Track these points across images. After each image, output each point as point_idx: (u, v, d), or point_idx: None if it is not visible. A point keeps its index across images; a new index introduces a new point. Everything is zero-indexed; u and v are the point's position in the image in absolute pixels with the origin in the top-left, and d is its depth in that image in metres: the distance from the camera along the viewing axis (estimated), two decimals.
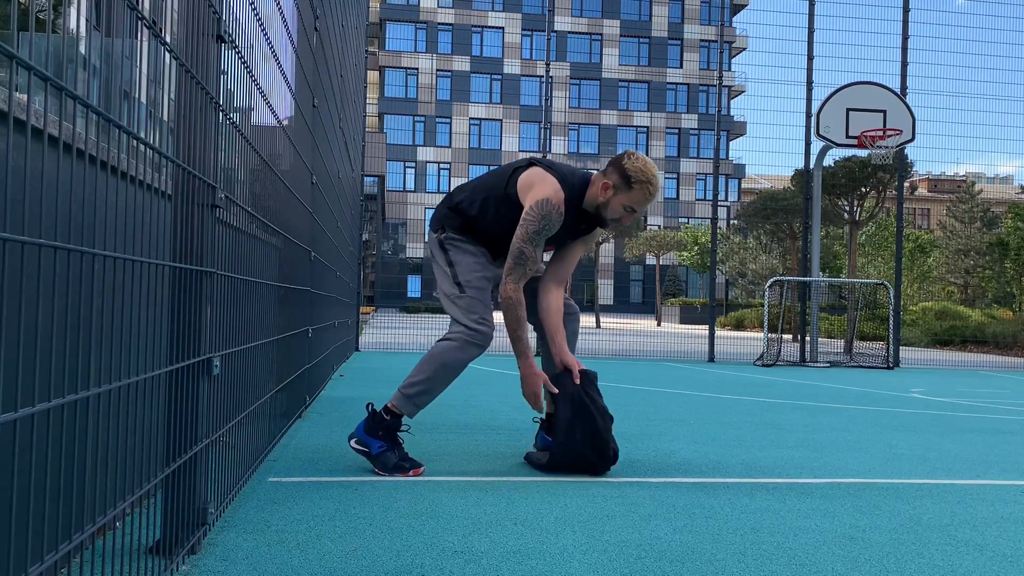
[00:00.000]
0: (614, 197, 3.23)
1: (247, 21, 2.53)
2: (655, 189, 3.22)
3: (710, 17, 52.69)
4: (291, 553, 2.13)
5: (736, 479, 3.32)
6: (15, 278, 1.37)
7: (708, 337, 12.06)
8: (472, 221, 3.33)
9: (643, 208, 3.27)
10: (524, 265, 3.20)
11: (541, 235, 3.19)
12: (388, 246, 50.14)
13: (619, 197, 3.22)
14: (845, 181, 17.85)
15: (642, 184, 3.20)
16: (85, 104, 1.32)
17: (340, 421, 4.51)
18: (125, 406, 1.73)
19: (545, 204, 3.17)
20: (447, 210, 3.39)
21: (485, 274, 3.32)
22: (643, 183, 3.20)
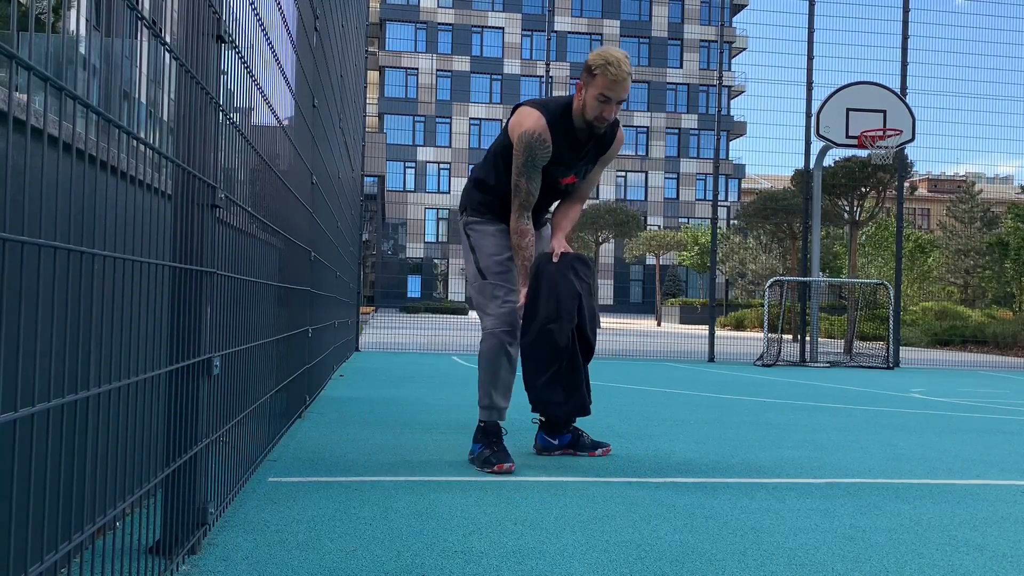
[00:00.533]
0: (587, 94, 3.24)
1: (247, 21, 2.53)
2: (616, 67, 3.18)
3: (710, 17, 52.69)
4: (291, 553, 2.13)
5: (736, 479, 3.32)
6: (15, 278, 1.37)
7: (708, 337, 12.06)
8: (492, 189, 3.43)
9: (617, 93, 3.20)
10: (520, 197, 3.29)
11: (529, 166, 3.27)
12: (388, 246, 50.13)
13: (590, 92, 3.23)
14: (845, 181, 17.86)
15: (602, 67, 3.19)
16: (85, 104, 1.32)
17: (340, 421, 4.51)
18: (125, 406, 1.73)
19: (524, 135, 3.27)
20: (470, 185, 3.53)
21: (507, 255, 3.40)
22: (602, 65, 3.19)
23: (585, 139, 3.36)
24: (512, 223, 3.34)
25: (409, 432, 4.23)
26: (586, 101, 3.25)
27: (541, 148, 3.25)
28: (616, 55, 3.20)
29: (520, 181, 3.29)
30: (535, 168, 3.27)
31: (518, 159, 3.28)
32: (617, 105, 3.24)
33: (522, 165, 3.27)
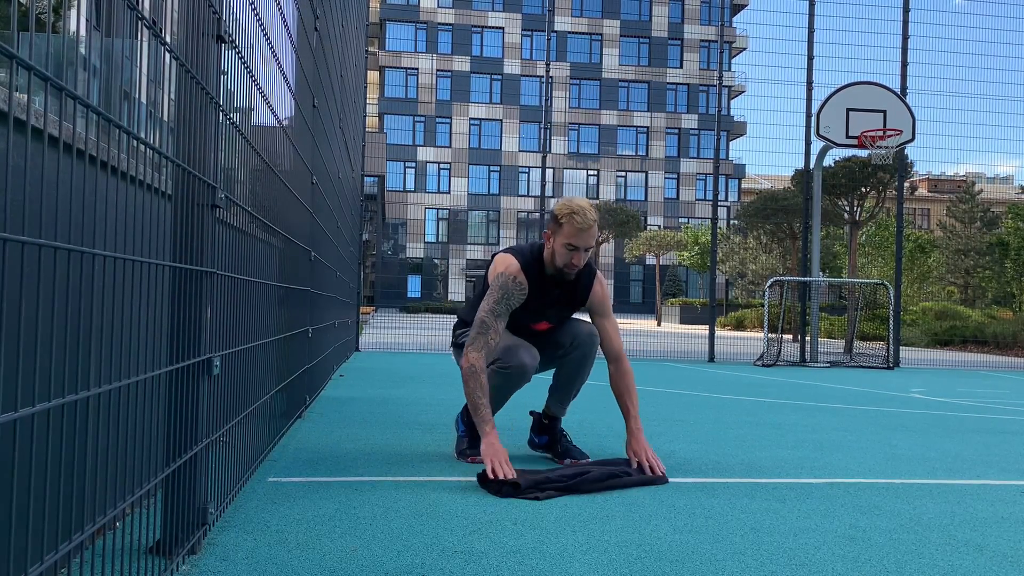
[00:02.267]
0: (555, 243, 3.32)
1: (247, 21, 2.53)
2: (582, 217, 3.25)
3: (710, 17, 52.68)
4: (291, 553, 2.13)
5: (736, 479, 3.32)
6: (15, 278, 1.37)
7: (708, 337, 12.06)
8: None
9: (582, 241, 3.27)
10: (486, 335, 3.26)
11: (502, 304, 3.30)
12: (388, 246, 50.13)
13: (557, 240, 3.31)
14: (845, 181, 17.86)
15: (568, 216, 3.26)
16: (85, 104, 1.32)
17: (340, 421, 4.51)
18: (125, 406, 1.73)
19: (499, 277, 3.35)
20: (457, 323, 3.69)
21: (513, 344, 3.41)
22: (568, 215, 3.26)
23: (553, 285, 3.43)
24: (473, 361, 3.19)
25: (409, 432, 4.23)
26: (555, 249, 3.32)
27: (517, 289, 3.32)
28: (581, 204, 3.29)
29: (488, 318, 3.26)
30: (506, 308, 3.31)
31: (491, 297, 3.29)
32: (585, 253, 3.31)
33: (494, 303, 3.29)
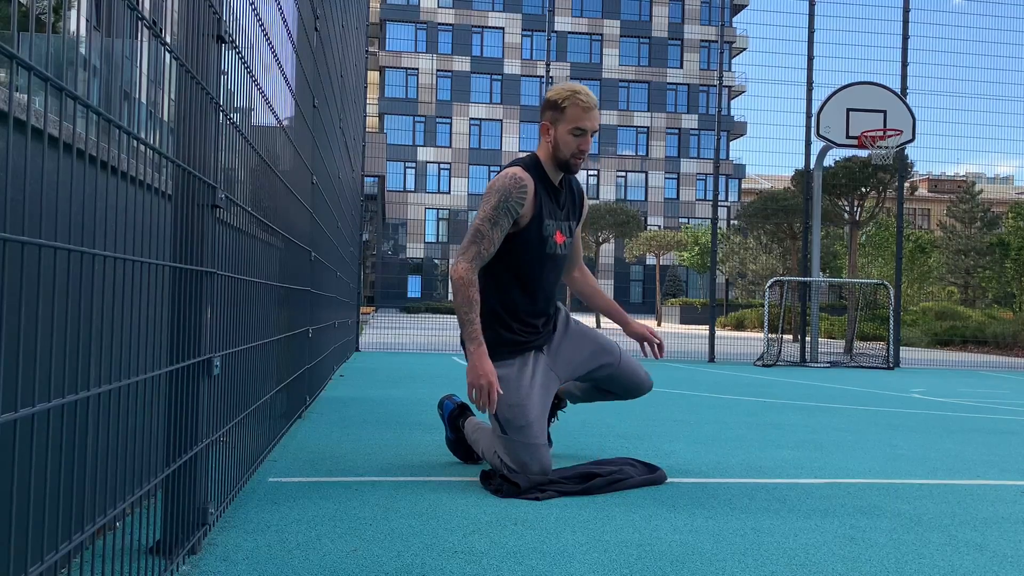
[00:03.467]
0: (558, 132, 3.06)
1: (247, 21, 2.53)
2: (585, 95, 3.04)
3: (710, 17, 52.70)
4: (291, 553, 2.13)
5: (736, 479, 3.32)
6: (15, 278, 1.37)
7: (708, 337, 12.06)
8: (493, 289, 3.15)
9: (588, 123, 3.04)
10: (479, 244, 3.01)
11: (500, 209, 3.01)
12: (388, 246, 50.15)
13: (561, 129, 3.06)
14: (845, 181, 17.85)
15: (571, 96, 3.04)
16: (85, 104, 1.32)
17: (340, 421, 4.51)
18: (125, 406, 1.73)
19: (500, 178, 3.07)
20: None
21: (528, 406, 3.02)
22: (570, 95, 3.04)
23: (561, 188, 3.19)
24: (462, 272, 3.00)
25: (409, 432, 4.23)
26: (558, 140, 3.07)
27: (516, 189, 3.02)
28: (580, 85, 3.08)
29: (483, 226, 3.01)
30: (505, 212, 3.01)
31: (488, 203, 3.02)
32: (591, 136, 3.08)
33: (491, 209, 3.01)
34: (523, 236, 3.10)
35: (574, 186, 3.32)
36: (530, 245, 3.10)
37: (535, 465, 2.97)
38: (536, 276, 3.16)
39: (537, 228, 3.10)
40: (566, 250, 3.24)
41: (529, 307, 3.18)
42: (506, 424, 3.01)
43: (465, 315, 3.01)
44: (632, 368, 3.35)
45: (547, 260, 3.16)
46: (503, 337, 3.12)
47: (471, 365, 2.99)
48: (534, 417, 3.01)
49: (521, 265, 3.13)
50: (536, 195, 3.08)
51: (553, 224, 3.15)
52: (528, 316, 3.18)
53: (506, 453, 3.00)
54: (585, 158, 3.12)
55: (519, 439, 2.98)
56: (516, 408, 3.00)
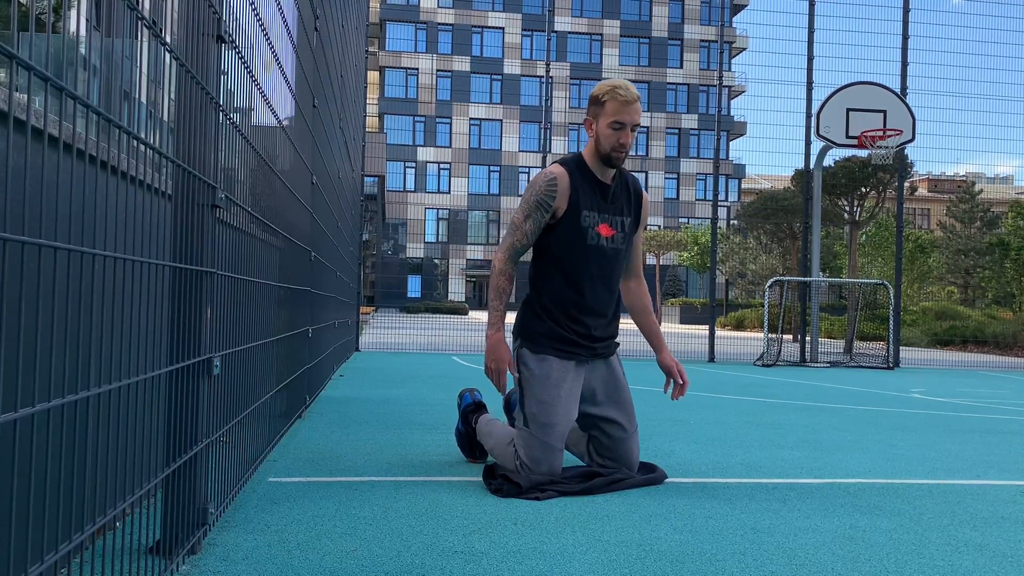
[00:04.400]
0: (599, 127, 3.12)
1: (247, 21, 2.53)
2: (625, 90, 3.08)
3: (710, 17, 52.71)
4: (291, 553, 2.13)
5: (736, 479, 3.32)
6: (15, 278, 1.37)
7: (708, 337, 12.06)
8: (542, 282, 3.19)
9: (628, 116, 3.09)
10: (513, 236, 3.14)
11: (534, 205, 3.11)
12: (388, 246, 50.16)
13: (601, 123, 3.11)
14: (845, 181, 17.85)
15: (610, 91, 3.09)
16: (85, 104, 1.32)
17: (340, 421, 4.51)
18: (125, 406, 1.73)
19: (537, 177, 3.17)
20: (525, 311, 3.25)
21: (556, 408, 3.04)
22: (610, 90, 3.10)
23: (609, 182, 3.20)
24: (496, 262, 3.16)
25: (409, 432, 4.23)
26: (599, 134, 3.13)
27: (547, 184, 3.11)
28: (621, 80, 3.14)
29: (517, 217, 3.16)
30: (537, 206, 3.11)
31: (524, 199, 3.17)
32: (632, 131, 3.11)
33: (525, 204, 3.15)
34: (561, 227, 3.14)
35: (630, 183, 3.32)
36: (568, 236, 3.14)
37: (544, 466, 3.00)
38: (579, 268, 3.15)
39: (575, 219, 3.13)
40: (616, 244, 3.21)
41: (576, 301, 3.16)
42: (531, 418, 3.05)
43: (490, 301, 3.16)
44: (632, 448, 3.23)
45: (590, 252, 3.15)
46: (554, 332, 3.14)
47: (487, 348, 3.13)
48: (559, 420, 3.04)
49: (563, 257, 3.16)
50: (572, 188, 3.13)
51: (595, 216, 3.16)
52: (577, 311, 3.16)
53: (522, 446, 3.04)
54: (627, 152, 3.15)
55: (539, 436, 3.02)
56: (545, 405, 3.05)
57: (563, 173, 3.14)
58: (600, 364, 3.23)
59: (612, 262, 3.22)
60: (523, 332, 3.19)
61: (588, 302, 3.18)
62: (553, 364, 3.10)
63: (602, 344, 3.22)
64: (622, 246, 3.24)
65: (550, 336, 3.13)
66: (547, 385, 3.07)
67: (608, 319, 3.25)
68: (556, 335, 3.13)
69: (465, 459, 3.53)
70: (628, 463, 3.20)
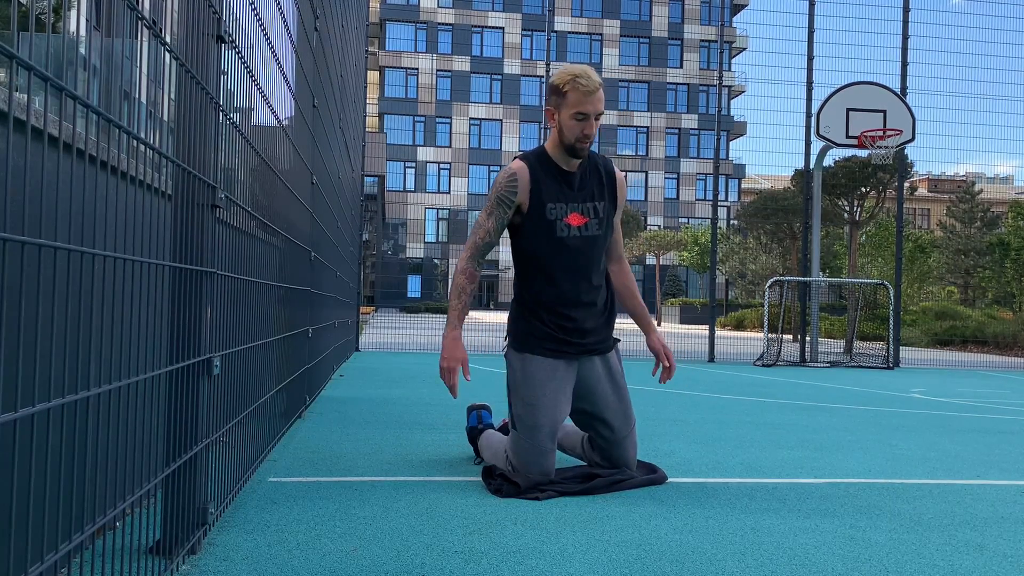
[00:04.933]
0: (561, 117, 3.03)
1: (247, 21, 2.53)
2: (586, 79, 2.98)
3: (710, 17, 52.72)
4: (291, 553, 2.13)
5: (736, 479, 3.32)
6: (15, 278, 1.37)
7: (708, 337, 12.06)
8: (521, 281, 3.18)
9: (592, 106, 2.99)
10: (476, 234, 3.11)
11: (496, 203, 3.09)
12: (388, 246, 50.16)
13: (564, 114, 3.02)
14: (845, 181, 17.86)
15: (571, 81, 2.98)
16: (85, 104, 1.32)
17: (340, 421, 4.51)
18: (125, 406, 1.73)
19: (499, 174, 3.16)
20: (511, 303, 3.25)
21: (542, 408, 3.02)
22: (571, 80, 3.00)
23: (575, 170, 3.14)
24: (460, 261, 3.15)
25: (409, 432, 4.23)
26: (562, 125, 3.04)
27: (506, 180, 3.08)
28: (582, 68, 3.03)
29: (482, 216, 3.13)
30: (498, 204, 3.09)
31: (488, 199, 3.15)
32: (596, 120, 3.03)
33: (488, 203, 3.13)
34: (528, 223, 3.11)
35: (600, 165, 3.22)
36: (536, 231, 3.10)
37: (535, 467, 2.99)
38: (553, 261, 3.11)
39: (540, 213, 3.09)
40: (591, 231, 3.14)
41: (554, 295, 3.11)
42: (518, 420, 3.03)
43: (450, 300, 3.12)
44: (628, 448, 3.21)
45: (561, 244, 3.10)
46: (539, 330, 3.10)
47: (443, 348, 3.06)
48: (545, 420, 3.01)
49: (535, 252, 3.12)
50: (534, 182, 3.08)
51: (563, 207, 3.11)
52: (558, 305, 3.11)
53: (512, 449, 3.03)
54: (591, 142, 3.09)
55: (527, 438, 3.00)
56: (531, 407, 3.02)
57: (523, 167, 3.10)
58: (597, 361, 3.19)
59: (588, 251, 3.14)
60: (511, 331, 3.19)
61: (568, 295, 3.12)
62: (537, 363, 3.06)
63: (594, 338, 3.17)
64: (598, 232, 3.16)
65: (534, 335, 3.10)
66: (532, 385, 3.04)
67: (599, 308, 3.20)
68: (541, 333, 3.10)
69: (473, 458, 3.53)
70: (624, 463, 3.18)
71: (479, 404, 3.61)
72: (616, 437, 3.16)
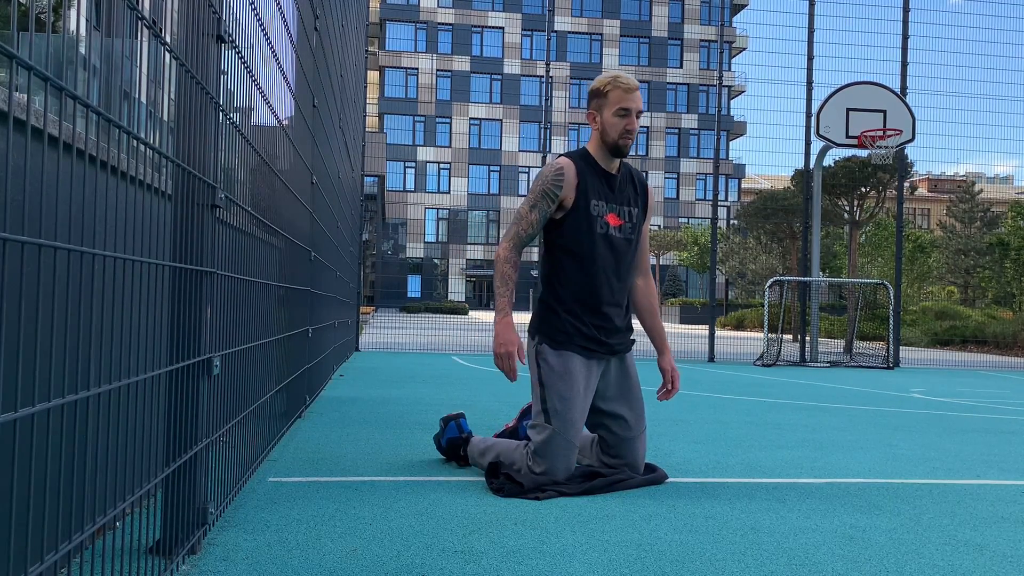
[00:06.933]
0: (603, 118, 3.17)
1: (247, 21, 2.53)
2: (625, 79, 3.15)
3: (710, 17, 52.71)
4: (291, 553, 2.13)
5: (736, 479, 3.32)
6: (15, 278, 1.37)
7: (708, 337, 12.06)
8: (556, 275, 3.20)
9: (633, 103, 3.16)
10: (518, 225, 3.17)
11: (540, 195, 3.14)
12: (388, 246, 50.16)
13: (606, 114, 3.17)
14: (845, 181, 17.85)
15: (612, 81, 3.16)
16: (85, 104, 1.32)
17: (340, 421, 4.51)
18: (125, 406, 1.73)
19: (544, 168, 3.22)
20: (541, 309, 3.24)
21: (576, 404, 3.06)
22: (611, 80, 3.17)
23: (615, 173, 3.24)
24: (501, 250, 3.17)
25: (409, 432, 4.23)
26: (605, 124, 3.17)
27: (553, 174, 3.14)
28: (618, 71, 3.21)
29: (523, 207, 3.19)
30: (543, 197, 3.14)
31: (531, 191, 3.21)
32: (637, 117, 3.19)
33: (532, 194, 3.17)
34: (571, 216, 3.17)
35: (634, 175, 3.36)
36: (579, 226, 3.16)
37: (563, 462, 3.02)
38: (592, 258, 3.17)
39: (584, 208, 3.16)
40: (625, 234, 3.24)
41: (592, 291, 3.17)
42: (554, 415, 3.04)
43: (497, 288, 3.15)
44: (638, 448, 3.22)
45: (600, 241, 3.18)
46: (575, 327, 3.14)
47: (496, 333, 3.10)
48: (579, 416, 3.08)
49: (575, 248, 3.17)
50: (579, 177, 3.16)
51: (603, 205, 3.20)
52: (595, 302, 3.16)
53: (543, 444, 3.02)
54: (633, 138, 3.19)
55: (563, 433, 3.02)
56: (567, 401, 3.06)
57: (570, 164, 3.17)
58: (615, 361, 3.25)
59: (622, 252, 3.24)
60: (542, 329, 3.19)
61: (603, 293, 3.19)
62: (574, 360, 3.11)
63: (619, 339, 3.24)
64: (631, 236, 3.27)
65: (572, 332, 3.14)
66: (569, 381, 3.08)
67: (624, 308, 3.29)
68: (577, 331, 3.14)
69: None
70: (633, 462, 3.20)
71: (454, 414, 3.56)
72: (630, 435, 3.20)
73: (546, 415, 3.06)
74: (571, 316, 3.15)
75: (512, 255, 3.16)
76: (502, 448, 3.21)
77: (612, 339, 3.20)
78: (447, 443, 3.48)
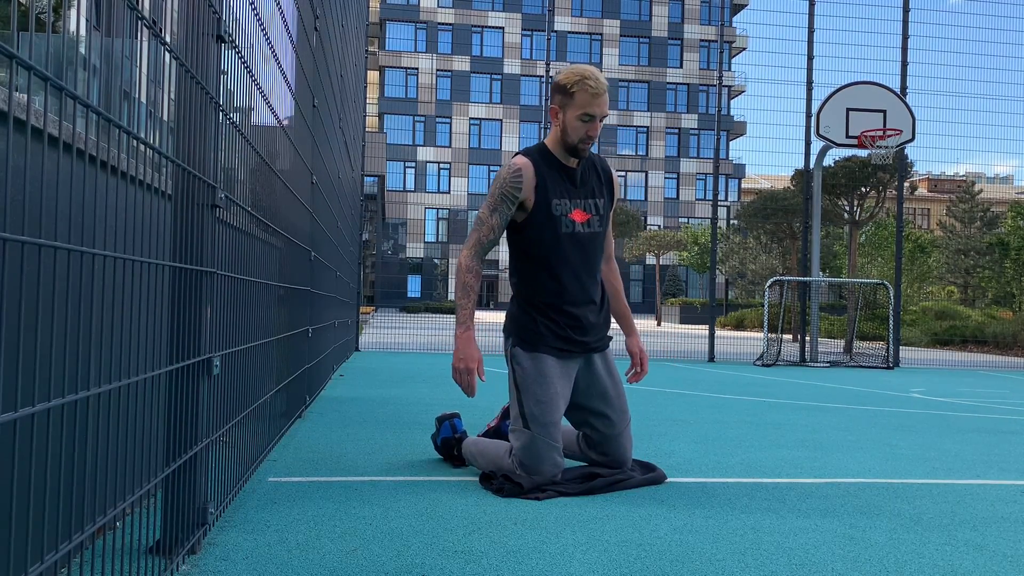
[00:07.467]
0: (567, 117, 3.03)
1: (247, 21, 2.53)
2: (595, 81, 2.98)
3: (710, 17, 52.71)
4: (291, 553, 2.13)
5: (736, 479, 3.32)
6: (15, 278, 1.37)
7: (708, 337, 12.06)
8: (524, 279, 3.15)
9: (596, 109, 3.00)
10: (479, 231, 3.07)
11: (499, 198, 3.05)
12: (388, 246, 50.16)
13: (569, 114, 3.02)
14: (845, 181, 17.85)
15: (579, 82, 2.98)
16: (85, 104, 1.32)
17: (340, 421, 4.51)
18: (125, 406, 1.73)
19: (501, 170, 3.13)
20: (513, 307, 3.19)
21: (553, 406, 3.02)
22: (579, 81, 3.00)
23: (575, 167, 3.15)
24: (462, 259, 3.09)
25: (409, 432, 4.23)
26: (566, 124, 3.04)
27: (511, 176, 3.05)
28: (590, 69, 3.04)
29: (484, 212, 3.09)
30: (503, 200, 3.06)
31: (490, 194, 3.10)
32: (600, 121, 3.05)
33: (491, 198, 3.09)
34: (533, 218, 3.09)
35: (598, 164, 3.25)
36: (542, 227, 3.09)
37: (548, 463, 2.97)
38: (558, 258, 3.11)
39: (545, 208, 3.08)
40: (592, 228, 3.16)
41: (561, 292, 3.11)
42: (531, 419, 3.00)
43: (458, 299, 3.07)
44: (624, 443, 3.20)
45: (566, 240, 3.11)
46: (548, 329, 3.10)
47: (456, 348, 3.03)
48: (557, 417, 3.03)
49: (540, 249, 3.11)
50: (538, 177, 3.08)
51: (567, 203, 3.11)
52: (565, 303, 3.12)
53: (524, 449, 2.98)
54: (593, 143, 3.10)
55: (542, 436, 2.98)
56: (544, 404, 3.02)
57: (527, 164, 3.07)
58: (594, 358, 3.21)
59: (591, 248, 3.17)
60: (514, 330, 3.15)
61: (574, 292, 3.13)
62: (548, 362, 3.07)
63: (594, 336, 3.19)
64: (599, 229, 3.19)
65: (544, 333, 3.09)
66: (544, 383, 3.04)
67: (598, 305, 3.23)
68: (550, 332, 3.09)
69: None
70: (620, 458, 3.18)
71: (449, 413, 3.53)
72: (613, 432, 3.17)
73: (524, 419, 3.01)
74: (543, 317, 3.10)
75: (473, 263, 3.08)
76: (492, 455, 3.16)
77: (587, 337, 3.15)
78: (441, 442, 3.47)
